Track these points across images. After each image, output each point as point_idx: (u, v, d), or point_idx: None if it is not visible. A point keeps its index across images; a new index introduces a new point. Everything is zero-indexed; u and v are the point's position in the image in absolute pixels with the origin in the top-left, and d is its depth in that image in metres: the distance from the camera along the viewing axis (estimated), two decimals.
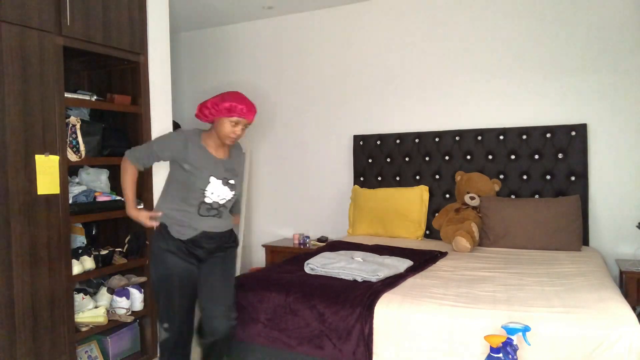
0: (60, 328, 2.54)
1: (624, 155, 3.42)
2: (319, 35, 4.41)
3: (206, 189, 2.24)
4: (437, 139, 3.92)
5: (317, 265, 2.75)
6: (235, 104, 2.17)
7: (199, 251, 2.29)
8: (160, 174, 3.17)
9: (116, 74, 3.09)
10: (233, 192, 2.32)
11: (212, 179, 2.24)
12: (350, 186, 4.31)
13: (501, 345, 1.81)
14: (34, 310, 2.41)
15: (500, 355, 1.81)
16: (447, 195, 3.89)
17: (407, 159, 4.03)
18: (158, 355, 3.12)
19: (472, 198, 3.58)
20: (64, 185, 2.56)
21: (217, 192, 2.26)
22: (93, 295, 2.85)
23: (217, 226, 2.32)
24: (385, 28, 4.14)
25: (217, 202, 2.28)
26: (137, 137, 3.04)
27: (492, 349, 1.84)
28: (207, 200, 2.25)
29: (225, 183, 2.28)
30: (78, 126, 2.65)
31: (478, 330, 2.02)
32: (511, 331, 1.82)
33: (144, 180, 3.05)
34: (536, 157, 3.60)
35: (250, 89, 4.74)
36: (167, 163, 2.38)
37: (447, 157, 3.89)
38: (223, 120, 2.21)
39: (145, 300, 3.04)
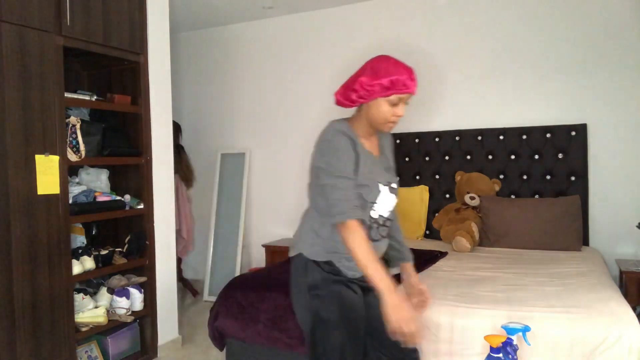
0: (60, 328, 2.54)
1: (624, 155, 3.42)
2: (319, 35, 4.41)
3: (376, 202, 1.67)
4: (437, 139, 3.91)
5: None
6: (396, 77, 1.56)
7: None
8: (161, 168, 3.18)
9: (116, 74, 3.09)
10: (395, 200, 1.75)
11: (381, 187, 1.68)
12: None
13: (501, 345, 1.81)
14: (34, 310, 2.41)
15: (500, 355, 1.81)
16: (447, 195, 3.89)
17: (407, 159, 4.03)
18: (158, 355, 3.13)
19: (472, 198, 3.58)
20: (64, 185, 2.56)
21: (385, 203, 1.70)
22: (93, 295, 2.85)
23: (386, 247, 1.81)
24: (385, 28, 4.14)
25: (383, 217, 1.72)
26: (137, 137, 3.04)
27: (492, 349, 1.84)
28: (374, 215, 1.69)
29: (391, 189, 1.73)
30: (78, 126, 2.65)
31: (478, 330, 2.02)
32: (511, 331, 1.82)
33: (144, 177, 3.05)
34: (536, 157, 3.60)
35: (250, 88, 4.74)
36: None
37: (447, 157, 3.89)
38: (379, 101, 1.61)
39: (145, 300, 3.04)
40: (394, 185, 1.75)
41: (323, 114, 4.41)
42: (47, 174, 2.46)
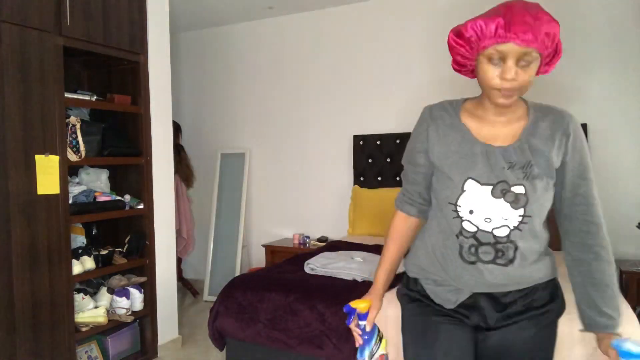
0: (60, 328, 2.54)
1: (624, 155, 3.42)
2: (319, 35, 4.41)
3: (458, 204, 1.22)
4: None
5: (317, 265, 2.75)
6: (480, 23, 1.11)
7: (475, 315, 1.28)
8: (161, 168, 3.18)
9: (116, 74, 3.09)
10: (520, 213, 1.19)
11: (470, 184, 1.21)
12: (350, 186, 4.31)
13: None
14: (34, 311, 2.41)
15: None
16: None
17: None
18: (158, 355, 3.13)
19: None
20: (64, 185, 2.56)
21: (481, 210, 1.20)
22: (93, 295, 2.85)
23: (502, 282, 1.22)
24: (386, 28, 4.14)
25: (489, 233, 1.20)
26: (137, 137, 3.04)
27: (360, 316, 1.41)
28: (466, 227, 1.22)
29: (502, 192, 1.18)
30: (78, 126, 2.65)
31: None
32: (624, 354, 1.14)
33: (144, 177, 3.05)
34: None
35: (250, 88, 4.74)
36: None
37: None
38: (480, 60, 1.16)
39: (145, 300, 3.04)
40: (517, 189, 1.17)
41: (323, 114, 4.42)
42: (47, 174, 2.46)
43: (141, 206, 3.03)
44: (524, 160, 1.19)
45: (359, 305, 1.37)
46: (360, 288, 2.37)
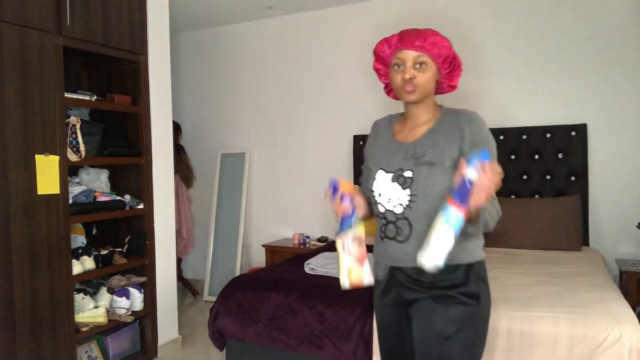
0: (60, 328, 2.54)
1: (624, 155, 3.42)
2: (319, 35, 4.41)
3: (372, 189, 1.53)
4: None
5: (317, 265, 2.75)
6: (384, 41, 1.50)
7: (402, 290, 1.54)
8: (161, 168, 3.18)
9: (116, 74, 3.09)
10: (407, 192, 1.44)
11: (380, 173, 1.52)
12: None
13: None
14: (34, 310, 2.41)
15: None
16: None
17: None
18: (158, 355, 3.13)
19: None
20: (64, 185, 2.56)
21: (385, 192, 1.50)
22: (93, 295, 2.85)
23: (400, 257, 1.49)
24: (385, 28, 4.12)
25: (390, 211, 1.49)
26: (137, 137, 3.04)
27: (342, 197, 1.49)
28: (380, 208, 1.52)
29: (397, 177, 1.47)
30: (78, 126, 2.65)
31: None
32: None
33: (144, 177, 3.05)
34: (536, 157, 3.60)
35: (250, 88, 4.74)
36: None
37: None
38: (390, 73, 1.53)
39: (145, 300, 3.04)
40: (406, 174, 1.45)
41: (323, 114, 4.42)
42: (47, 174, 2.46)
43: (141, 206, 3.03)
44: (420, 153, 1.47)
45: (345, 186, 1.47)
46: (360, 288, 2.37)
